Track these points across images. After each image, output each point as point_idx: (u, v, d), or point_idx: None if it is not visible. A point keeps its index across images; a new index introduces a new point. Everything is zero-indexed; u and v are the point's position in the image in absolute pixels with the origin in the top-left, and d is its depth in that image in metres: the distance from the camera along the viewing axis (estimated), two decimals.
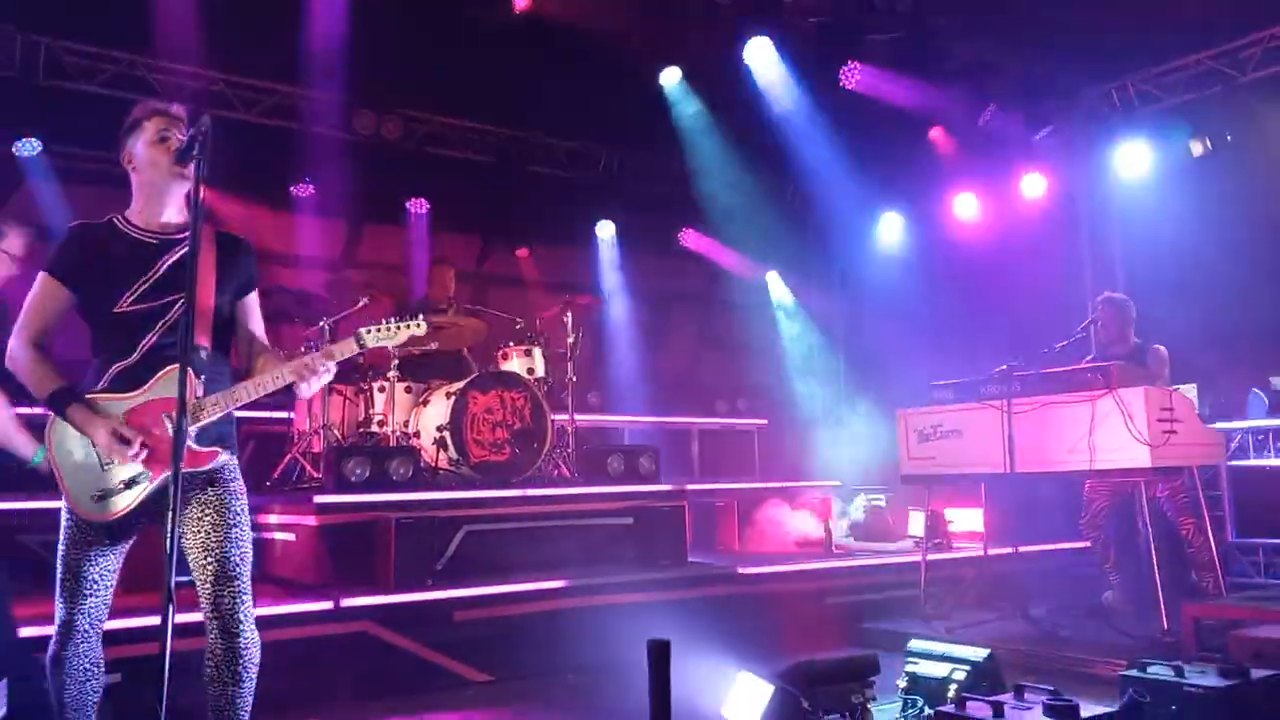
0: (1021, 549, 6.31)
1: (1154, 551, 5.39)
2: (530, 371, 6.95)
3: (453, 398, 6.29)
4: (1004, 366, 5.71)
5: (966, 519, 7.41)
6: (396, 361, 6.60)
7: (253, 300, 3.15)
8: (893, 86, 8.26)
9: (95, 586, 2.87)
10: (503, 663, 4.98)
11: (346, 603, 4.78)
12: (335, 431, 6.57)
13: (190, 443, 2.81)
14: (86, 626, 2.88)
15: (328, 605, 4.72)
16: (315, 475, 6.32)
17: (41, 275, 2.92)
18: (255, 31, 7.19)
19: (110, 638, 3.94)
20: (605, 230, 10.58)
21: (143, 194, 3.02)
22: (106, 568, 2.90)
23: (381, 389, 6.63)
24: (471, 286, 10.07)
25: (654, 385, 9.96)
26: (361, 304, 6.75)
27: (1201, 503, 5.78)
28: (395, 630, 4.86)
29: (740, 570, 6.13)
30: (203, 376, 2.89)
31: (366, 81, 8.12)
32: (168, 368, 2.84)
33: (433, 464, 6.28)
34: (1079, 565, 6.80)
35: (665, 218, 10.67)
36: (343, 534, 5.43)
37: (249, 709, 2.95)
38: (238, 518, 2.97)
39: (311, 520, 5.40)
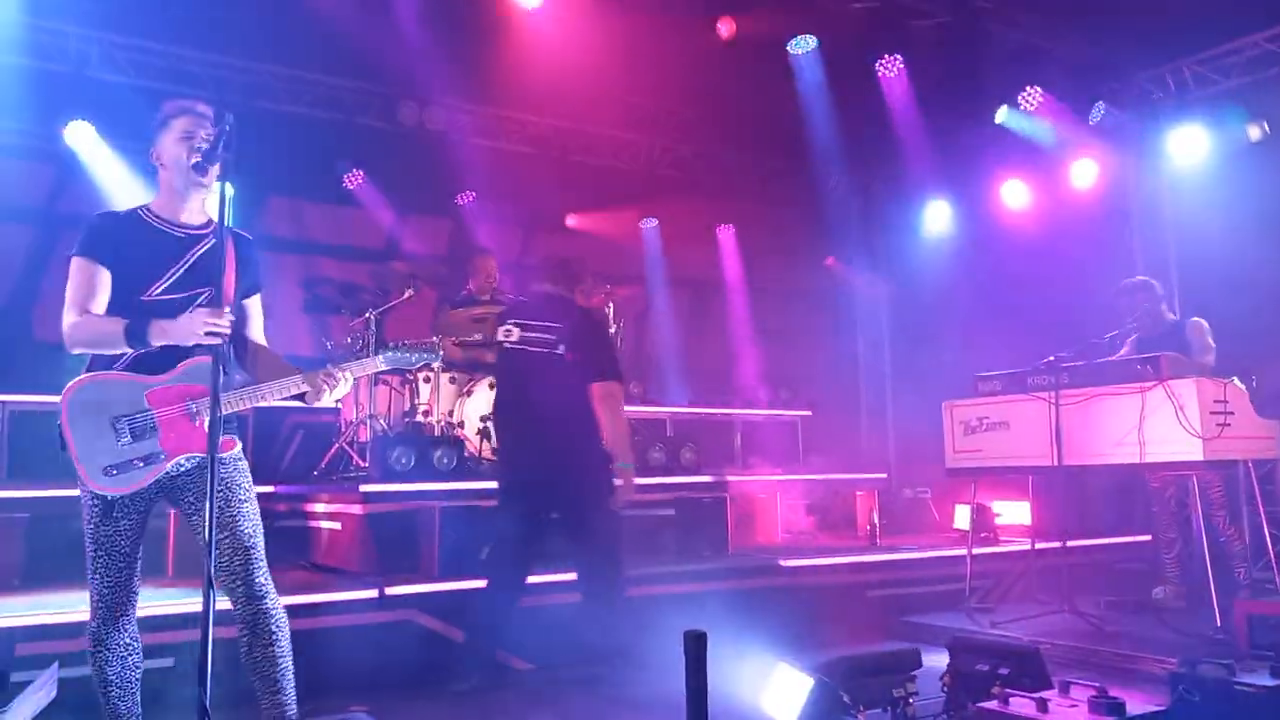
0: (1069, 543, 6.20)
1: (1206, 547, 5.28)
2: None
3: (495, 388, 6.32)
4: (1051, 358, 5.62)
5: (1013, 512, 7.32)
6: (441, 352, 6.64)
7: (257, 302, 3.26)
8: (938, 72, 8.13)
9: (123, 561, 2.93)
10: (544, 651, 5.01)
11: (391, 591, 4.85)
12: (381, 421, 6.65)
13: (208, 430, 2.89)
14: (120, 601, 2.94)
15: (373, 593, 4.80)
16: (361, 465, 6.41)
17: (76, 260, 2.95)
18: (299, 23, 7.25)
19: (161, 623, 4.07)
20: (647, 220, 10.57)
21: (167, 190, 3.08)
22: (130, 543, 2.94)
23: (427, 379, 6.69)
24: (514, 277, 10.13)
25: (696, 375, 9.95)
26: (407, 295, 6.82)
27: (1241, 495, 5.65)
28: (439, 618, 4.92)
29: (782, 562, 6.12)
30: (227, 369, 2.94)
31: (409, 72, 8.17)
32: (196, 356, 2.93)
33: (477, 454, 6.33)
34: (1128, 560, 6.69)
35: (708, 207, 10.63)
36: (388, 523, 5.50)
37: (290, 671, 3.02)
38: (246, 494, 3.05)
39: (357, 509, 5.48)
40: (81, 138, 7.64)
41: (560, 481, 4.62)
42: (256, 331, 3.26)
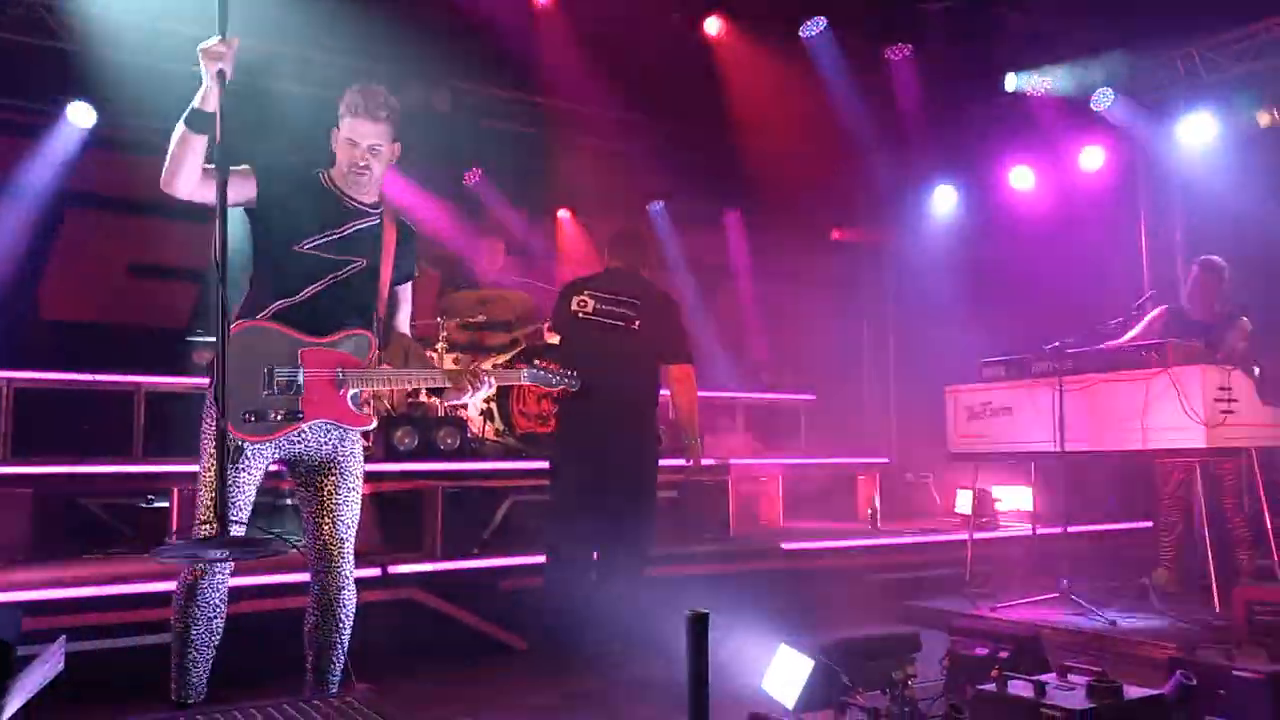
0: (1071, 529, 6.21)
1: (1208, 533, 5.29)
2: None
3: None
4: (1056, 343, 5.61)
5: (1015, 498, 7.33)
6: (445, 333, 6.66)
7: (408, 290, 3.33)
8: (947, 56, 8.09)
9: (236, 516, 2.90)
10: (543, 633, 5.03)
11: (394, 570, 4.87)
12: (385, 402, 6.66)
13: (351, 403, 3.03)
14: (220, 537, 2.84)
15: (376, 572, 4.82)
16: (365, 444, 6.42)
17: (247, 167, 2.96)
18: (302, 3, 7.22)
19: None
20: (654, 203, 10.54)
21: (339, 170, 3.15)
22: (245, 498, 2.93)
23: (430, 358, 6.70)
24: (520, 259, 10.11)
25: (699, 358, 9.93)
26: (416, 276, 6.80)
27: (1243, 485, 5.65)
28: (442, 598, 4.95)
29: (784, 545, 6.13)
30: (378, 345, 3.07)
31: (416, 53, 8.14)
32: (355, 328, 3.04)
33: (479, 435, 6.35)
34: (1130, 546, 6.70)
35: (714, 189, 10.59)
36: (391, 503, 5.53)
37: (344, 651, 3.11)
38: (357, 481, 3.19)
39: (364, 489, 5.49)
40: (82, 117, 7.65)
41: (621, 456, 4.64)
42: (403, 320, 3.32)
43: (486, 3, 7.23)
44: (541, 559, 4.97)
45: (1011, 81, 8.42)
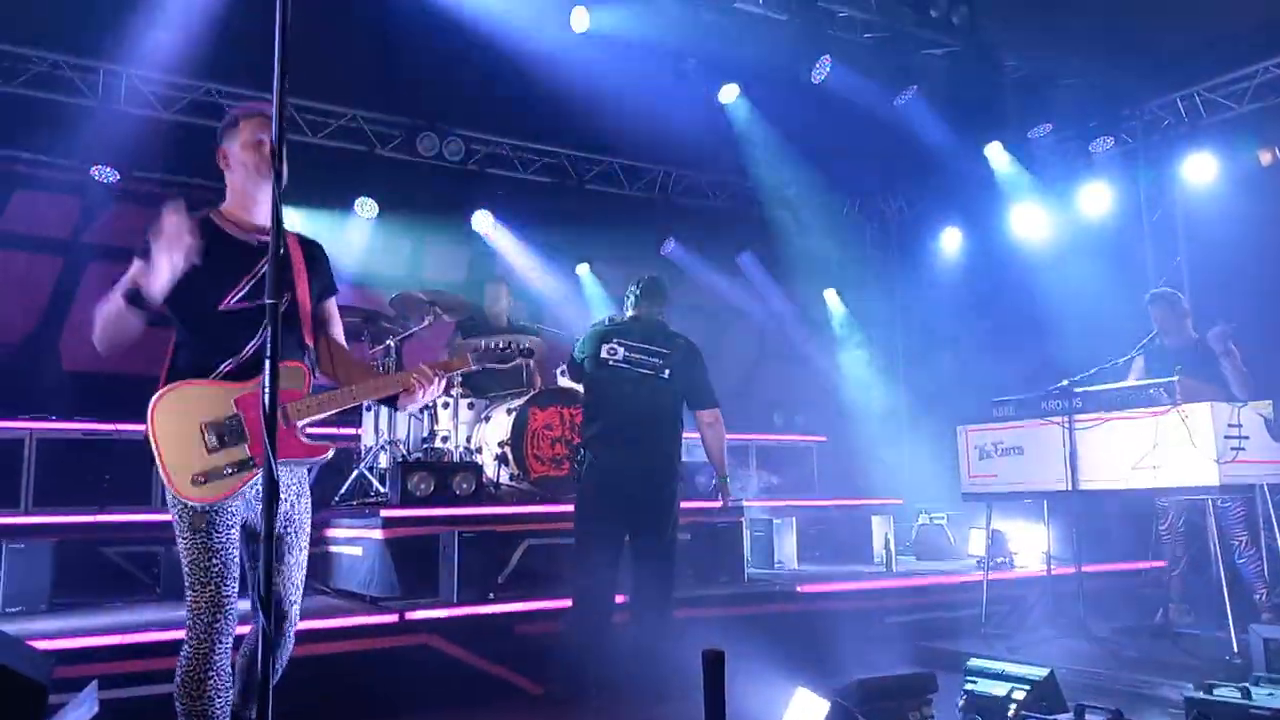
0: (1085, 569, 6.20)
1: (1222, 570, 5.28)
2: None
3: (513, 414, 6.40)
4: (1065, 382, 5.65)
5: (1029, 537, 7.31)
6: (460, 378, 6.74)
7: (333, 304, 3.16)
8: (950, 101, 8.21)
9: (220, 579, 2.75)
10: (563, 676, 5.04)
11: (411, 616, 4.89)
12: (401, 447, 6.73)
13: (302, 436, 2.86)
14: (222, 624, 2.75)
15: (392, 618, 4.85)
16: (381, 490, 6.48)
17: (138, 261, 2.78)
18: (323, 59, 7.41)
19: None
20: (664, 246, 10.67)
21: (236, 195, 2.99)
22: (226, 559, 2.76)
23: (445, 405, 6.78)
24: (530, 303, 10.22)
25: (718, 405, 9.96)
26: (426, 323, 6.91)
27: (1258, 518, 5.64)
28: (458, 643, 4.96)
29: (799, 587, 6.14)
30: (315, 372, 2.95)
31: (429, 105, 8.34)
32: (290, 363, 2.85)
33: (494, 479, 6.40)
34: (1145, 585, 6.67)
35: (724, 233, 10.73)
36: (407, 548, 5.57)
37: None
38: (303, 544, 3.02)
39: (378, 534, 5.55)
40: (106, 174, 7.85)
41: (651, 500, 4.70)
42: (336, 333, 3.16)
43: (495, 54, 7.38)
44: (555, 603, 4.99)
45: (997, 149, 8.61)
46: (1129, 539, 6.97)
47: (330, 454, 2.94)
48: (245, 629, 2.99)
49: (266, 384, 2.24)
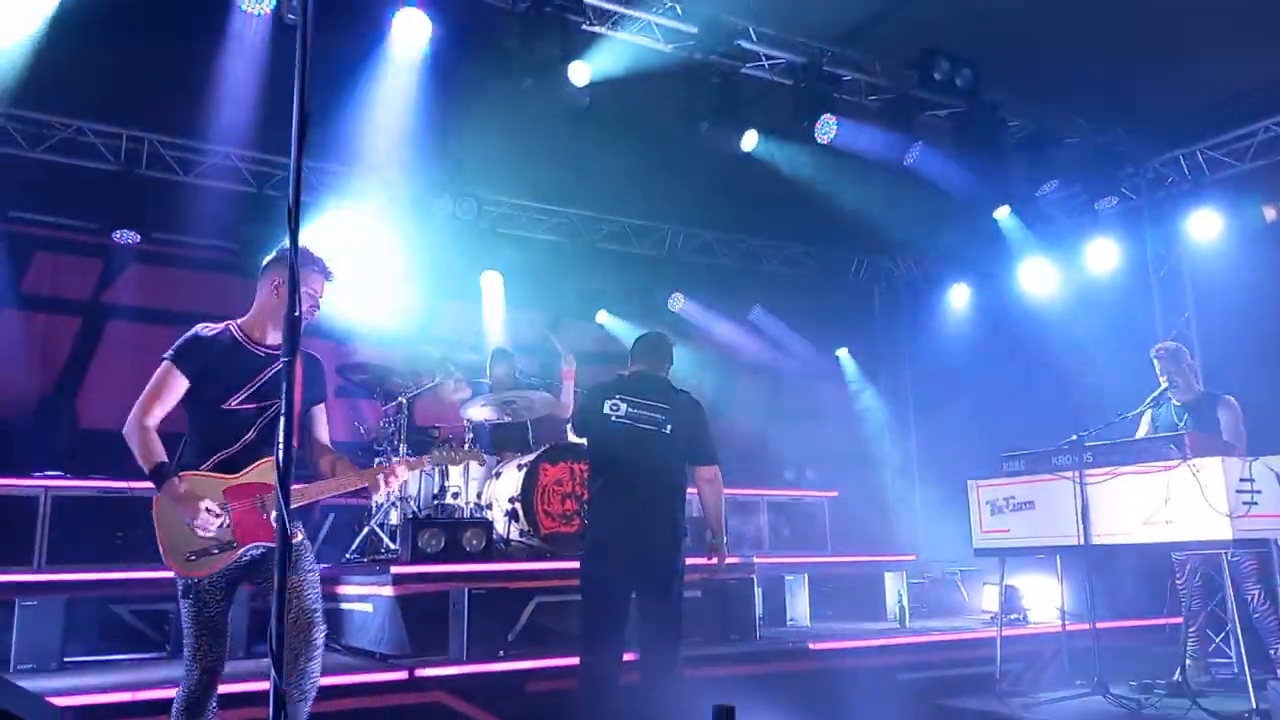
0: (1101, 625, 6.14)
1: (1238, 626, 5.22)
2: None
3: (524, 470, 6.42)
4: (1074, 436, 5.65)
5: (1043, 593, 7.25)
6: (471, 436, 6.79)
7: (322, 410, 3.69)
8: (955, 159, 8.32)
9: (215, 639, 3.30)
10: None
11: (421, 673, 4.88)
12: (411, 504, 6.75)
13: (274, 521, 3.14)
14: (210, 679, 3.28)
15: (402, 675, 4.83)
16: (392, 547, 6.49)
17: (166, 364, 3.35)
18: (334, 121, 7.58)
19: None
20: (675, 303, 10.78)
21: (262, 315, 3.51)
22: (219, 623, 3.32)
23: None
24: (542, 360, 10.29)
25: (722, 456, 9.98)
26: (437, 380, 6.98)
27: (1273, 572, 5.59)
28: (468, 701, 4.93)
29: (811, 645, 6.09)
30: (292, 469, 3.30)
31: (441, 166, 8.50)
32: (265, 459, 3.36)
33: (505, 536, 6.40)
34: (1162, 642, 6.59)
35: (733, 290, 10.83)
36: (418, 605, 5.56)
37: None
38: (311, 564, 3.48)
39: (388, 591, 5.55)
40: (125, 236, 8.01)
41: (655, 556, 4.68)
42: (322, 434, 3.68)
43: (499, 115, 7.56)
44: (566, 661, 4.97)
45: (1004, 212, 8.71)
46: (1145, 594, 6.90)
47: (300, 537, 3.42)
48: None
49: (280, 451, 2.47)
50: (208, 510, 3.23)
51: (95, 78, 6.97)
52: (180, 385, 3.34)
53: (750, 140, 7.72)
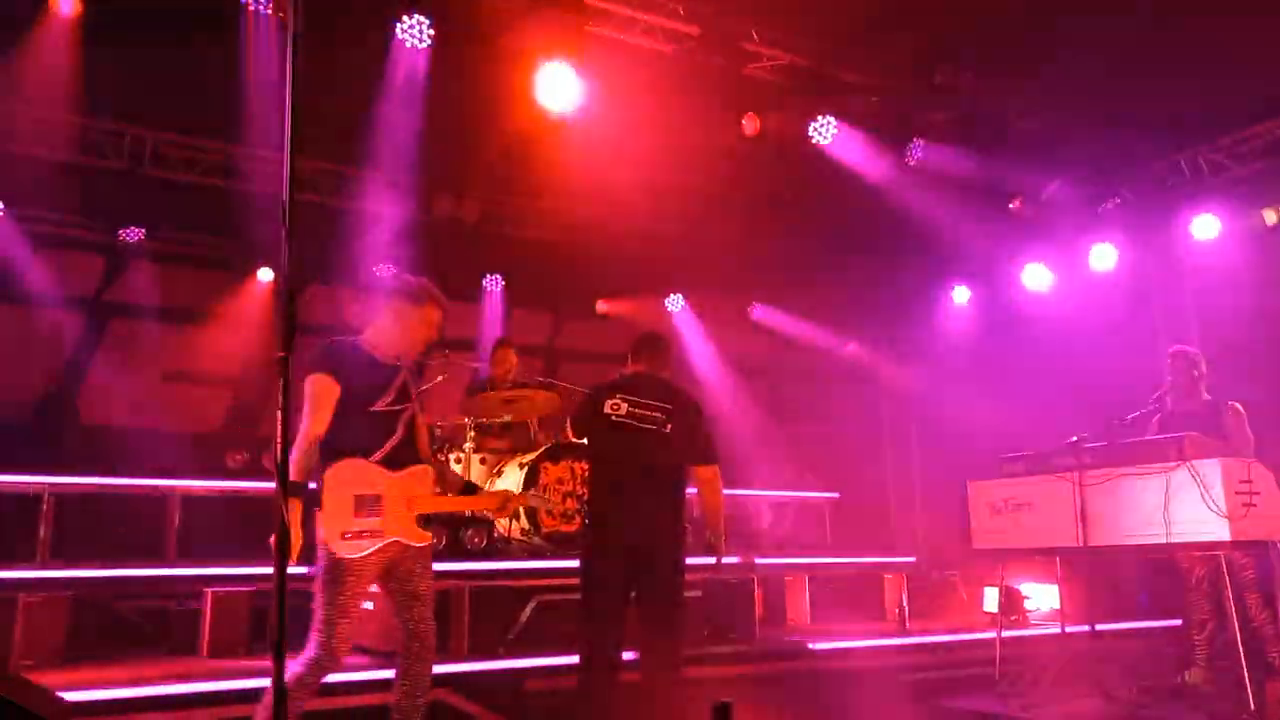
0: (1101, 627, 6.16)
1: (1239, 629, 5.23)
2: None
3: (525, 468, 6.44)
4: (1074, 438, 5.66)
5: (1043, 595, 7.26)
6: (472, 433, 6.80)
7: (423, 418, 3.99)
8: (957, 161, 8.33)
9: (347, 621, 3.55)
10: None
11: None
12: None
13: (418, 524, 3.72)
14: (333, 658, 3.52)
15: None
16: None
17: (317, 375, 3.65)
18: (338, 120, 7.60)
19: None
20: (675, 302, 10.81)
21: (382, 335, 3.86)
22: (355, 606, 3.57)
23: (458, 460, 6.82)
24: (544, 359, 10.32)
25: (724, 456, 10.00)
26: (439, 380, 7.00)
27: (1272, 578, 5.60)
28: (468, 698, 4.94)
29: (811, 645, 6.10)
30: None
31: (444, 166, 8.52)
32: (421, 464, 3.78)
33: (506, 534, 6.42)
34: (1161, 644, 6.60)
35: (733, 289, 10.85)
36: None
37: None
38: (429, 575, 3.83)
39: None
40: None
41: (656, 556, 4.69)
42: (423, 439, 3.96)
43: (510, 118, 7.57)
44: (566, 659, 4.98)
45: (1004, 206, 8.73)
46: (1146, 597, 6.91)
47: (431, 541, 3.78)
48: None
49: (279, 438, 2.72)
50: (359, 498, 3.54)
51: (102, 76, 6.97)
52: (334, 389, 3.63)
53: (751, 126, 7.74)
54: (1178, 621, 6.53)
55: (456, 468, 6.82)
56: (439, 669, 4.92)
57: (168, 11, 6.14)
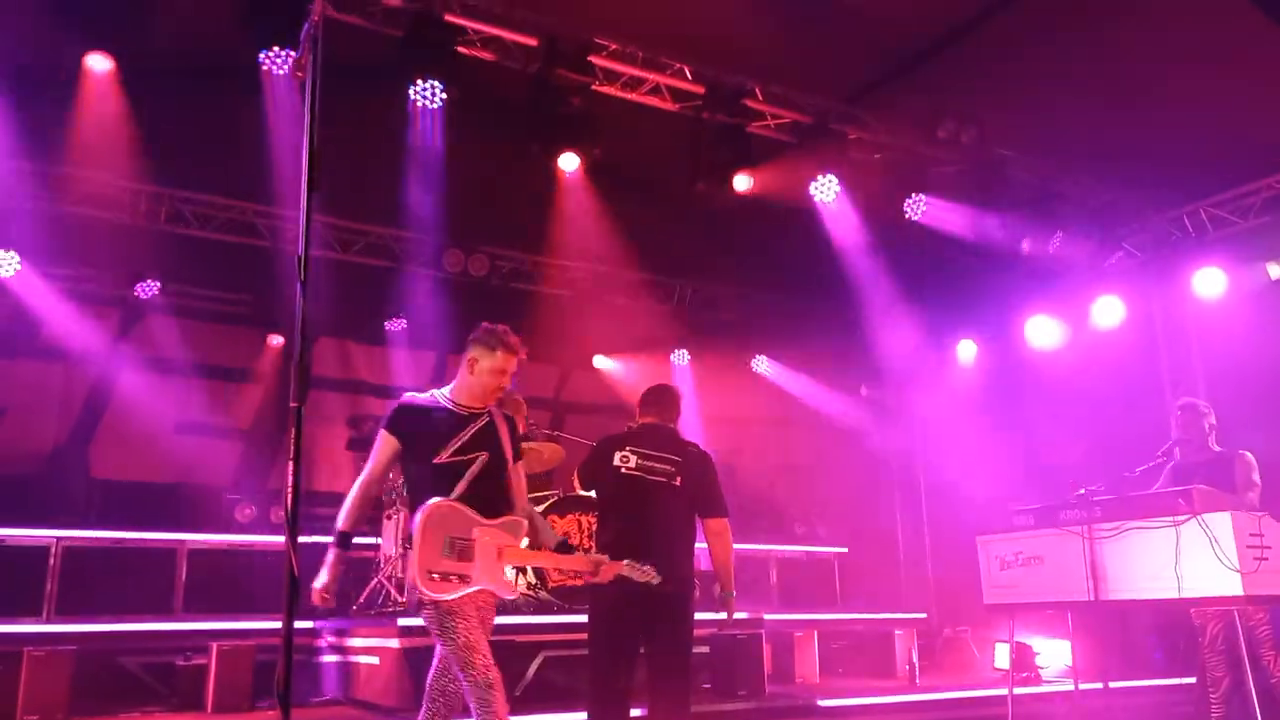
0: (1114, 684, 6.07)
1: (1254, 686, 5.15)
2: None
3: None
4: (1082, 491, 5.63)
5: (1055, 651, 7.17)
6: None
7: (520, 467, 3.95)
8: (961, 216, 8.41)
9: (474, 649, 3.48)
10: None
11: None
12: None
13: (506, 576, 3.70)
14: (492, 683, 3.44)
15: None
16: (400, 599, 6.48)
17: (380, 430, 3.74)
18: (352, 178, 7.73)
19: None
20: (680, 357, 10.86)
21: (462, 384, 3.85)
22: (476, 635, 3.51)
23: None
24: (551, 412, 10.34)
25: (731, 510, 9.96)
26: None
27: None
28: None
29: (820, 702, 6.03)
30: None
31: (454, 223, 8.65)
32: (512, 515, 3.74)
33: (512, 588, 6.38)
34: (1175, 702, 6.50)
35: (739, 344, 10.90)
36: (425, 657, 5.51)
37: None
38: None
39: (395, 643, 5.53)
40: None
41: (665, 610, 4.66)
42: (519, 489, 3.92)
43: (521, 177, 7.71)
44: (573, 716, 4.91)
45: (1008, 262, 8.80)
46: (1159, 652, 6.82)
47: (516, 594, 3.78)
48: None
49: (290, 484, 2.75)
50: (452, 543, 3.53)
51: (124, 134, 7.12)
52: (392, 446, 3.69)
53: (744, 183, 7.86)
54: (1192, 679, 6.43)
55: None
56: None
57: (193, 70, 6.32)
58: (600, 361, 10.69)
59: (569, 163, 7.52)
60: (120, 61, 6.50)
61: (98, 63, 6.44)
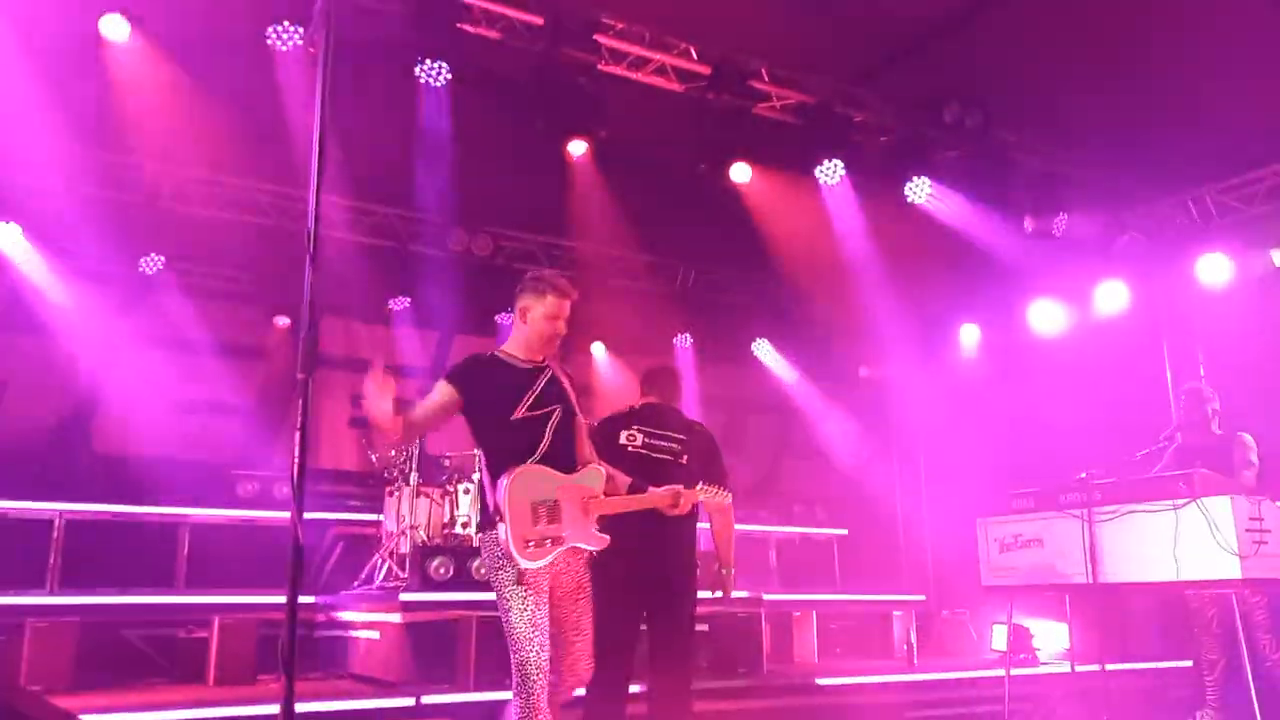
0: (1111, 667, 6.10)
1: (1250, 671, 5.18)
2: None
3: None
4: (1082, 474, 5.65)
5: (1053, 633, 7.21)
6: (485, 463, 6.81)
7: (583, 422, 3.89)
8: (965, 200, 8.39)
9: (542, 631, 3.41)
10: None
11: (427, 700, 4.90)
12: (422, 532, 6.78)
13: (593, 528, 3.65)
14: (543, 671, 3.39)
15: (410, 702, 4.86)
16: (401, 575, 6.52)
17: (442, 381, 3.63)
18: (356, 155, 7.72)
19: None
20: (683, 340, 10.85)
21: (520, 339, 3.76)
22: (543, 613, 3.44)
23: (466, 490, 6.85)
24: None
25: (732, 493, 9.98)
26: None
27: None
28: None
29: (818, 681, 6.07)
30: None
31: (459, 202, 8.63)
32: (590, 466, 3.72)
33: (601, 539, 6.41)
34: (1173, 685, 6.54)
35: (741, 327, 10.90)
36: (426, 632, 5.58)
37: None
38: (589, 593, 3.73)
39: (396, 618, 5.57)
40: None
41: (668, 587, 4.69)
42: (584, 442, 3.86)
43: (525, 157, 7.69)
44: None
45: (1011, 245, 8.78)
46: (1156, 635, 6.85)
47: (606, 541, 3.68)
48: None
49: (296, 454, 2.71)
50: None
51: (127, 109, 7.11)
52: (451, 400, 3.58)
53: (742, 173, 7.85)
54: (1189, 662, 6.47)
55: (464, 500, 6.85)
56: (447, 698, 4.96)
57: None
58: (602, 343, 10.68)
59: (575, 146, 7.51)
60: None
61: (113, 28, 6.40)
